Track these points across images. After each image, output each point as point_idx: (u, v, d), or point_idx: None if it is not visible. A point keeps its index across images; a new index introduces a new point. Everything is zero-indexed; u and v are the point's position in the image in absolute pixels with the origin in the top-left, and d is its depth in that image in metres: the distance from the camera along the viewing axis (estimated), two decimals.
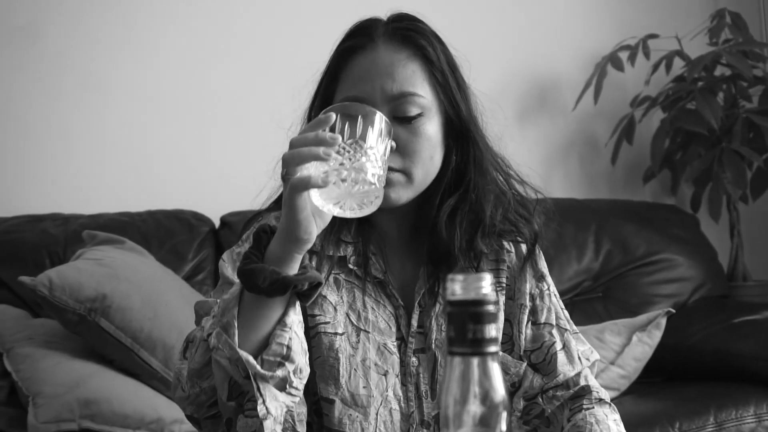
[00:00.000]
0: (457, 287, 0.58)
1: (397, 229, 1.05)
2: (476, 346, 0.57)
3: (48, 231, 1.89)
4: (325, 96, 1.02)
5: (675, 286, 2.27)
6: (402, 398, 1.00)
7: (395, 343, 1.01)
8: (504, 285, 1.06)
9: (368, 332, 1.00)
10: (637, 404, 1.81)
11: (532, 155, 2.55)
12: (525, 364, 1.06)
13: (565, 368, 1.06)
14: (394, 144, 0.95)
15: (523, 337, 1.05)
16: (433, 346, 1.02)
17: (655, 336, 1.96)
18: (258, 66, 2.26)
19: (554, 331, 1.07)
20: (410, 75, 0.98)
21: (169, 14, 2.20)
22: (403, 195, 0.98)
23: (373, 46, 0.99)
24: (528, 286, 1.06)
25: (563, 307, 1.10)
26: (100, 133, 2.13)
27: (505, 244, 1.06)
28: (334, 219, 0.95)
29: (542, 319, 1.07)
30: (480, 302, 0.57)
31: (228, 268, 1.01)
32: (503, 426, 0.58)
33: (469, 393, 0.57)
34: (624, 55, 2.47)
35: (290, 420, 0.97)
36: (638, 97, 2.54)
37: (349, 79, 0.99)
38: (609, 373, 1.89)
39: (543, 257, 1.09)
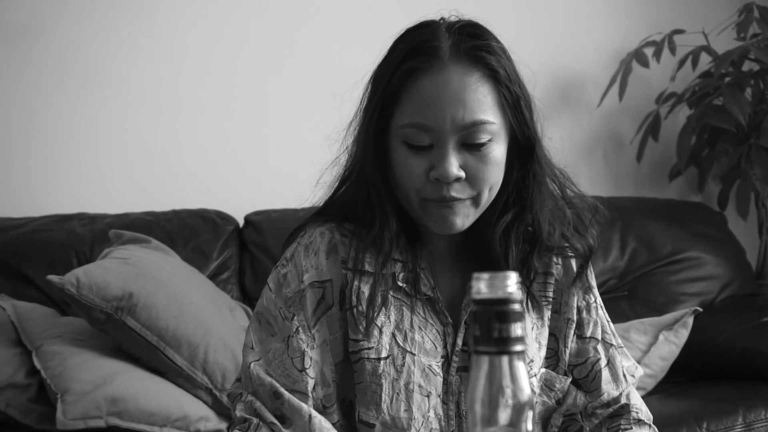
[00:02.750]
0: (482, 286, 0.58)
1: (448, 244, 1.01)
2: (502, 345, 0.57)
3: (75, 230, 1.91)
4: (382, 116, 0.95)
5: (702, 285, 2.25)
6: (442, 417, 0.97)
7: (440, 363, 0.97)
8: (550, 299, 1.02)
9: (414, 354, 0.96)
10: (663, 404, 1.79)
11: (557, 153, 2.52)
12: (570, 379, 1.03)
13: (609, 387, 1.03)
14: None
15: (568, 351, 1.03)
16: None
17: (681, 335, 1.93)
18: (281, 64, 2.27)
19: (599, 347, 1.03)
20: (481, 100, 0.92)
21: (189, 10, 2.21)
22: (468, 221, 0.95)
23: (441, 66, 0.92)
24: (575, 299, 1.03)
25: (609, 319, 1.07)
26: (125, 133, 2.15)
27: (554, 257, 1.03)
28: (386, 239, 0.95)
29: (588, 333, 1.03)
30: (506, 301, 0.57)
31: (273, 301, 0.97)
32: (529, 425, 0.58)
33: (495, 392, 0.56)
34: (649, 51, 2.44)
35: None
36: (664, 94, 2.52)
37: (414, 103, 0.92)
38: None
39: (592, 269, 1.06)
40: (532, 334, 1.01)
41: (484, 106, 0.92)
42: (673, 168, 2.55)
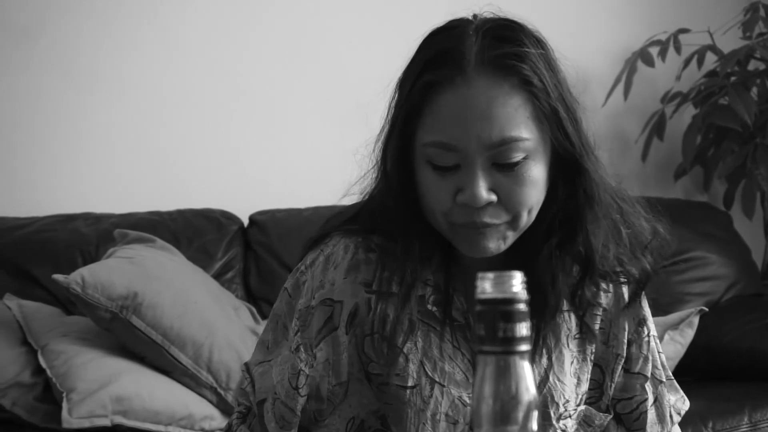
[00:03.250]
0: (487, 285, 0.57)
1: (487, 266, 0.88)
2: (507, 344, 0.57)
3: (80, 230, 1.91)
4: (404, 132, 0.85)
5: (707, 285, 2.24)
6: None
7: (471, 394, 0.88)
8: (596, 331, 0.92)
9: (443, 386, 0.88)
10: None
11: None
12: (610, 417, 0.95)
13: (653, 429, 0.96)
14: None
15: (614, 386, 0.95)
16: None
17: (687, 335, 1.93)
18: (287, 64, 2.27)
19: (647, 385, 0.95)
20: (512, 115, 0.80)
21: (193, 9, 2.21)
22: (504, 245, 0.85)
23: (465, 80, 0.81)
24: (626, 333, 0.94)
25: (660, 350, 0.98)
26: (130, 133, 2.15)
27: (602, 283, 0.92)
28: (408, 264, 0.86)
29: (636, 369, 0.95)
30: (510, 300, 0.57)
31: (292, 306, 0.91)
32: (534, 425, 0.57)
33: (500, 392, 0.56)
34: (654, 51, 2.43)
35: None
36: (669, 93, 2.51)
37: (437, 120, 0.82)
38: None
39: (645, 298, 0.96)
40: (570, 369, 0.91)
41: (515, 121, 0.81)
42: (679, 167, 2.55)
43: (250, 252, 2.05)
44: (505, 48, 0.83)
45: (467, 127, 0.80)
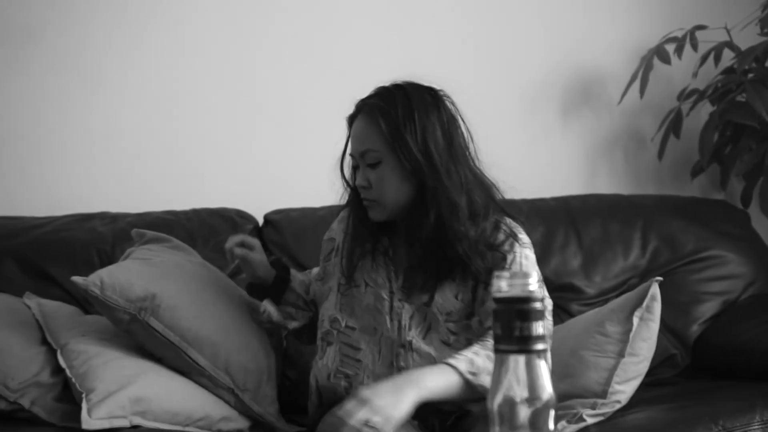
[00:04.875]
0: (503, 284, 0.57)
1: (404, 239, 1.50)
2: (523, 343, 0.57)
3: (96, 229, 1.93)
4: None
5: (725, 284, 2.22)
6: (389, 329, 1.47)
7: (387, 295, 1.49)
8: (469, 287, 1.45)
9: (372, 287, 1.50)
10: (679, 402, 1.77)
11: (577, 150, 2.51)
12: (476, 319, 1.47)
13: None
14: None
15: (481, 307, 1.46)
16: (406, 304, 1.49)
17: (655, 309, 1.74)
18: (301, 63, 2.27)
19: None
20: (368, 136, 1.44)
21: (208, 4, 2.22)
22: (381, 215, 1.47)
23: (357, 116, 1.47)
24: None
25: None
26: (145, 133, 2.17)
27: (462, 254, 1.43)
28: (361, 221, 1.52)
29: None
30: (527, 299, 0.57)
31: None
32: (551, 424, 0.57)
33: (517, 391, 0.56)
34: (671, 48, 2.42)
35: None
36: (686, 90, 2.49)
37: (351, 139, 1.49)
38: (625, 368, 1.70)
39: (524, 249, 1.46)
40: (452, 297, 1.46)
41: (370, 140, 1.43)
42: (695, 165, 2.53)
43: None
44: (379, 102, 1.44)
45: (355, 143, 1.47)
